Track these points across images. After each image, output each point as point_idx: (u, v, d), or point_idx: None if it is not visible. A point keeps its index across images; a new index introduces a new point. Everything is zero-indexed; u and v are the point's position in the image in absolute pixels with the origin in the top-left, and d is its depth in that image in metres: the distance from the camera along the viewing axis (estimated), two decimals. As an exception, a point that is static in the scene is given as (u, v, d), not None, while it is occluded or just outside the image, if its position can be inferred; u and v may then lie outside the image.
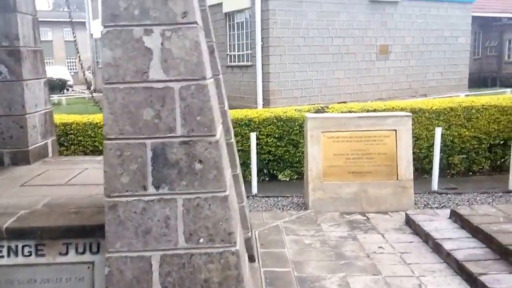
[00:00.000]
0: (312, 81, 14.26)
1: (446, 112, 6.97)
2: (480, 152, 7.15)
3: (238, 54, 14.59)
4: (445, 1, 16.62)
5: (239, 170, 3.59)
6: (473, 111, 7.00)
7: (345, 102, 15.02)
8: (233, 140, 3.59)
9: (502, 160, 7.12)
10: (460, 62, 17.72)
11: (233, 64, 14.77)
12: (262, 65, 13.26)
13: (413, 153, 6.88)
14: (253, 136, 6.20)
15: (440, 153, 6.86)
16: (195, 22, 2.00)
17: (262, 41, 13.13)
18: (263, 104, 13.35)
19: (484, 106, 7.02)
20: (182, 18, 1.97)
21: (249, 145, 6.40)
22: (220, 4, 14.78)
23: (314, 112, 6.99)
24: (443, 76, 17.29)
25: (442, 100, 7.36)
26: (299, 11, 13.53)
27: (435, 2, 16.39)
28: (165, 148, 1.99)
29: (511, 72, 23.20)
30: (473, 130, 7.03)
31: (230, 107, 14.08)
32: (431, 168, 6.55)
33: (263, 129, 6.72)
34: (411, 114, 5.83)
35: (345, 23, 14.56)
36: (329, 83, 14.62)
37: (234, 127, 6.56)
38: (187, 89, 1.99)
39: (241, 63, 14.40)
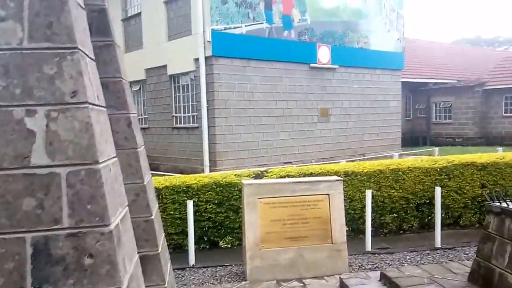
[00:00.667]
0: (258, 143, 14.28)
1: (376, 175, 7.02)
2: (409, 211, 7.19)
3: (184, 116, 14.47)
4: (377, 68, 17.46)
5: (161, 249, 3.30)
6: (400, 173, 7.09)
7: (290, 163, 15.16)
8: (153, 216, 3.33)
9: (429, 218, 7.18)
10: (393, 124, 18.44)
11: (179, 126, 14.61)
12: (208, 127, 13.18)
13: (348, 214, 6.84)
14: (189, 204, 5.91)
15: (373, 213, 6.84)
16: (86, 102, 1.79)
17: (207, 103, 13.12)
18: (209, 166, 13.16)
19: (410, 168, 7.14)
20: (71, 97, 1.76)
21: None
22: (165, 66, 14.79)
23: (253, 177, 6.84)
24: (378, 136, 17.85)
25: (372, 163, 7.43)
26: (243, 75, 13.73)
27: (369, 69, 17.19)
28: (48, 242, 1.71)
29: (438, 132, 24.34)
30: (401, 190, 7.09)
31: (176, 170, 13.79)
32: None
33: (202, 196, 6.46)
34: (342, 178, 5.78)
35: (288, 87, 14.89)
36: (274, 144, 14.69)
37: (171, 194, 6.29)
38: (76, 175, 1.76)
39: (187, 125, 14.26)
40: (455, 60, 28.89)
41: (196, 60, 13.30)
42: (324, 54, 15.60)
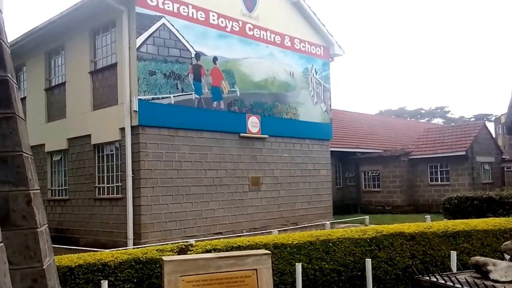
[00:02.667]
0: (186, 213, 13.89)
1: (306, 246, 6.95)
2: (341, 284, 7.11)
3: (107, 186, 13.87)
4: (307, 138, 18.07)
5: None
6: (330, 244, 7.08)
7: (221, 233, 14.82)
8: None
9: (361, 291, 7.13)
10: (324, 192, 18.84)
11: (102, 197, 13.94)
12: (133, 197, 12.67)
13: (279, 289, 6.64)
14: (104, 285, 5.44)
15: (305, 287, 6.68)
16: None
17: (133, 173, 12.70)
18: (133, 239, 12.50)
19: (340, 239, 7.16)
20: None
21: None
22: (88, 136, 14.34)
23: (177, 252, 6.50)
24: (310, 205, 18.09)
25: (302, 234, 7.38)
26: (171, 144, 13.58)
27: (298, 139, 17.73)
28: None
29: (368, 200, 25.21)
30: (332, 262, 7.03)
31: (98, 243, 12.95)
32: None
33: (119, 274, 5.99)
34: (270, 252, 5.64)
35: (218, 156, 14.88)
36: (204, 214, 14.36)
37: (85, 274, 5.78)
38: None
39: (110, 196, 13.63)
40: (381, 131, 30.76)
41: (122, 129, 13.02)
42: (253, 124, 15.94)
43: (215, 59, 15.05)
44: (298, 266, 6.23)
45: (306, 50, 18.37)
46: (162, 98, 13.42)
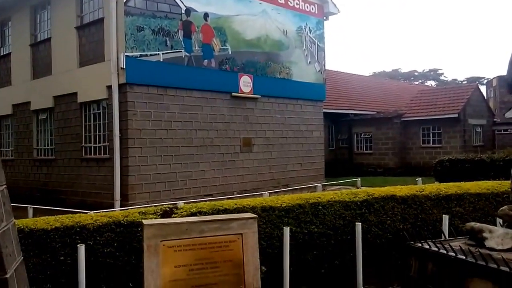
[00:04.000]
0: (176, 174, 13.59)
1: (295, 209, 6.66)
2: (330, 248, 6.87)
3: (94, 146, 13.48)
4: (300, 99, 17.62)
5: None
6: (320, 207, 6.79)
7: (211, 195, 14.57)
8: (8, 275, 2.64)
9: (352, 255, 6.90)
10: (316, 154, 18.56)
11: (89, 157, 13.58)
12: (121, 157, 12.31)
13: (268, 254, 6.40)
14: (81, 249, 5.13)
15: (293, 251, 6.44)
16: None
17: (120, 133, 12.29)
18: (121, 200, 12.23)
19: (330, 202, 6.87)
20: None
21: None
22: (75, 94, 13.82)
23: (160, 214, 6.20)
24: (302, 167, 17.85)
25: (291, 196, 7.09)
26: (160, 103, 13.11)
27: (291, 99, 17.28)
28: None
29: (360, 162, 25.05)
30: (321, 226, 6.77)
31: (84, 205, 12.71)
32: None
33: (98, 238, 5.69)
34: (256, 216, 5.33)
35: (209, 116, 14.46)
36: (194, 176, 14.07)
37: (62, 236, 5.46)
38: None
39: (97, 156, 13.26)
40: (374, 92, 30.28)
41: (109, 87, 12.51)
42: (246, 84, 15.43)
43: (206, 15, 14.37)
44: (286, 230, 5.95)
45: (300, 8, 17.63)
46: (151, 55, 12.85)
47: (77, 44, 13.93)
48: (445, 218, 6.79)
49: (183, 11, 13.74)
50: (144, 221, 5.02)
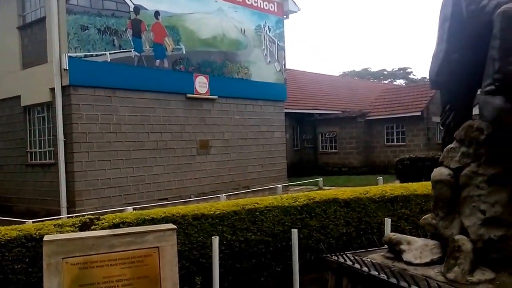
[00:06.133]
0: (127, 179, 13.03)
1: (230, 216, 6.25)
2: (268, 256, 6.49)
3: (39, 151, 12.80)
4: (259, 99, 17.25)
5: None
6: (257, 213, 6.40)
7: (166, 199, 14.07)
8: None
9: (290, 262, 6.54)
10: (278, 155, 18.22)
11: (34, 162, 12.90)
12: (66, 163, 11.68)
13: (202, 264, 5.98)
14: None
15: (228, 260, 6.06)
16: None
17: (65, 137, 11.66)
18: (67, 207, 11.61)
19: (268, 208, 6.49)
20: None
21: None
22: (18, 97, 13.10)
23: (79, 226, 5.69)
24: (263, 168, 17.49)
25: (227, 203, 6.68)
26: (108, 106, 12.54)
27: (251, 100, 16.89)
28: None
29: (325, 162, 24.88)
30: (259, 233, 6.38)
31: (31, 212, 12.02)
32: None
33: (7, 254, 5.16)
34: (175, 227, 4.89)
35: (162, 118, 13.94)
36: (147, 180, 13.54)
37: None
38: None
39: (43, 161, 12.60)
40: (340, 92, 30.22)
41: (52, 90, 11.86)
42: (201, 85, 14.97)
43: (157, 13, 13.84)
44: (215, 240, 5.53)
45: (258, 6, 17.27)
46: (97, 55, 12.26)
47: (19, 45, 13.23)
48: (387, 222, 6.49)
49: (131, 9, 13.19)
50: (45, 237, 4.51)
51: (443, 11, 3.42)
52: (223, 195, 14.08)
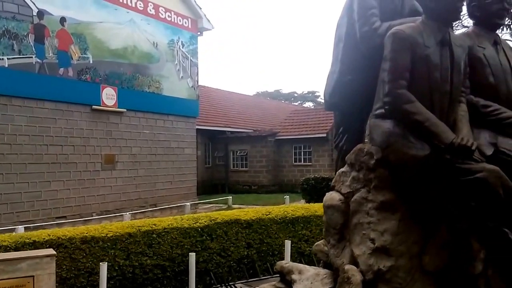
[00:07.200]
0: (21, 195, 11.82)
1: (124, 239, 5.75)
2: (165, 282, 6.05)
3: None
4: (171, 114, 16.71)
5: None
6: (154, 235, 5.96)
7: (65, 217, 12.95)
8: None
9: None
10: (188, 172, 17.72)
11: None
12: None
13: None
14: None
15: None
16: None
17: None
18: None
19: (166, 230, 6.07)
20: None
21: None
22: None
23: None
24: (172, 185, 16.87)
25: (121, 224, 6.15)
26: (3, 115, 11.41)
27: (161, 115, 16.30)
28: None
29: (236, 180, 24.75)
30: (155, 257, 5.94)
31: None
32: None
33: None
34: (54, 253, 4.33)
35: (63, 130, 12.91)
36: (44, 196, 12.37)
37: None
38: None
39: None
40: (253, 111, 30.49)
41: None
42: (109, 96, 14.16)
43: (63, 20, 12.91)
44: (103, 267, 5.00)
45: (172, 21, 16.86)
46: (-9, 59, 11.06)
47: None
48: (287, 244, 6.38)
49: (35, 13, 12.17)
50: None
51: (338, 31, 3.35)
52: (128, 213, 13.30)
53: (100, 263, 5.06)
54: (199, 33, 18.36)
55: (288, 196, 17.86)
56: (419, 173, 2.57)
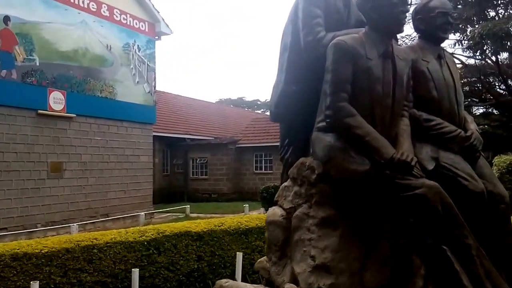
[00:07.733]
0: (-44, 205, 11.14)
1: (60, 255, 5.43)
2: (107, 300, 5.77)
3: None
4: (125, 121, 16.28)
5: None
6: (95, 250, 5.67)
7: (6, 229, 12.31)
8: None
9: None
10: (143, 180, 17.28)
11: None
12: None
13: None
14: None
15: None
16: None
17: None
18: None
19: (109, 244, 5.80)
20: None
21: None
22: None
23: None
24: (126, 194, 16.40)
25: (57, 239, 5.83)
26: None
27: (115, 121, 15.85)
28: None
29: (196, 188, 24.45)
30: (96, 273, 5.65)
31: None
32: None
33: None
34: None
35: (5, 136, 12.31)
36: (-18, 207, 11.73)
37: None
38: None
39: None
40: (214, 118, 30.29)
41: None
42: (57, 101, 13.63)
43: (6, 18, 12.35)
44: (34, 286, 4.69)
45: (128, 24, 16.49)
46: None
47: None
48: (239, 256, 6.24)
49: (-26, 11, 11.58)
50: None
51: (284, 40, 3.26)
52: (75, 224, 12.82)
53: (31, 282, 4.75)
54: (156, 37, 18.04)
55: (248, 205, 17.76)
56: (360, 188, 2.50)
